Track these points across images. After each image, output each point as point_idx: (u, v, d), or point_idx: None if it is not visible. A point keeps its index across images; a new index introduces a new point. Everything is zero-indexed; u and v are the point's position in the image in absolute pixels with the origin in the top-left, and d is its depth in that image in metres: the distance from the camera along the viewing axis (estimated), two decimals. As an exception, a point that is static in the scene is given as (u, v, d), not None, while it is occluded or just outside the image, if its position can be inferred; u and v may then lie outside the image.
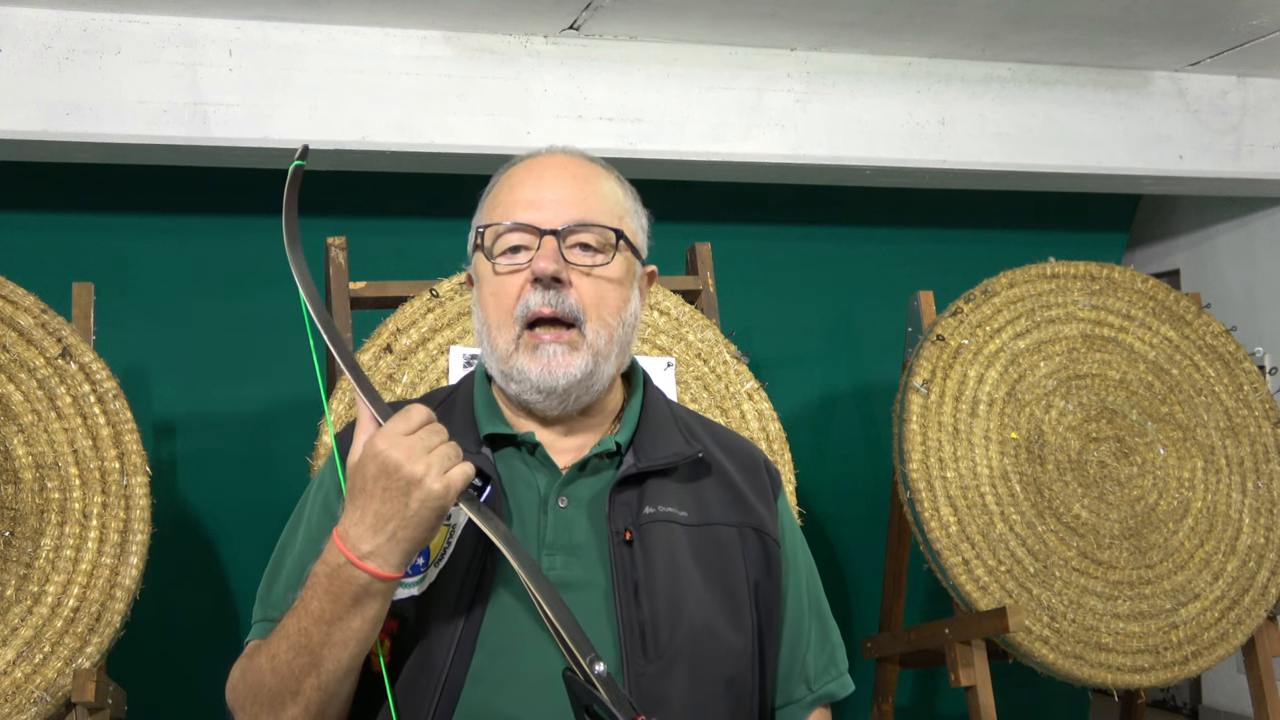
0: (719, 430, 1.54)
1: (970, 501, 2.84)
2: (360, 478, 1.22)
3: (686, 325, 2.72)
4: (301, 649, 1.24)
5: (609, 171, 1.46)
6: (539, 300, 1.35)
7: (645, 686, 1.27)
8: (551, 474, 1.38)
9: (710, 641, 1.33)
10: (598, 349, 1.37)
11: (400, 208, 3.50)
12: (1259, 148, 3.68)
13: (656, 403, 1.49)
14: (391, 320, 2.57)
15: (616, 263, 1.40)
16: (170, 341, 3.31)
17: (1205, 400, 3.15)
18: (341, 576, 1.21)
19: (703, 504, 1.41)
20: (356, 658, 1.25)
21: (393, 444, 1.20)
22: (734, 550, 1.39)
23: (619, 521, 1.34)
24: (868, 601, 3.66)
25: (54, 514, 2.40)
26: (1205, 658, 2.91)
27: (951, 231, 4.05)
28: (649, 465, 1.39)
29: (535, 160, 1.44)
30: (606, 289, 1.39)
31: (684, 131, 3.22)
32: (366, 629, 1.23)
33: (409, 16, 2.96)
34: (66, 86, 2.80)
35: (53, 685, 2.29)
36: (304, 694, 1.25)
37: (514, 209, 1.39)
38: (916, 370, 2.94)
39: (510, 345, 1.37)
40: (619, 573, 1.31)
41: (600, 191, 1.42)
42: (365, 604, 1.22)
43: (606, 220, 1.40)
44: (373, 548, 1.21)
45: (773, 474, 1.51)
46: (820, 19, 3.08)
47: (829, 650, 1.49)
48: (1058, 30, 3.22)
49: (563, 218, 1.37)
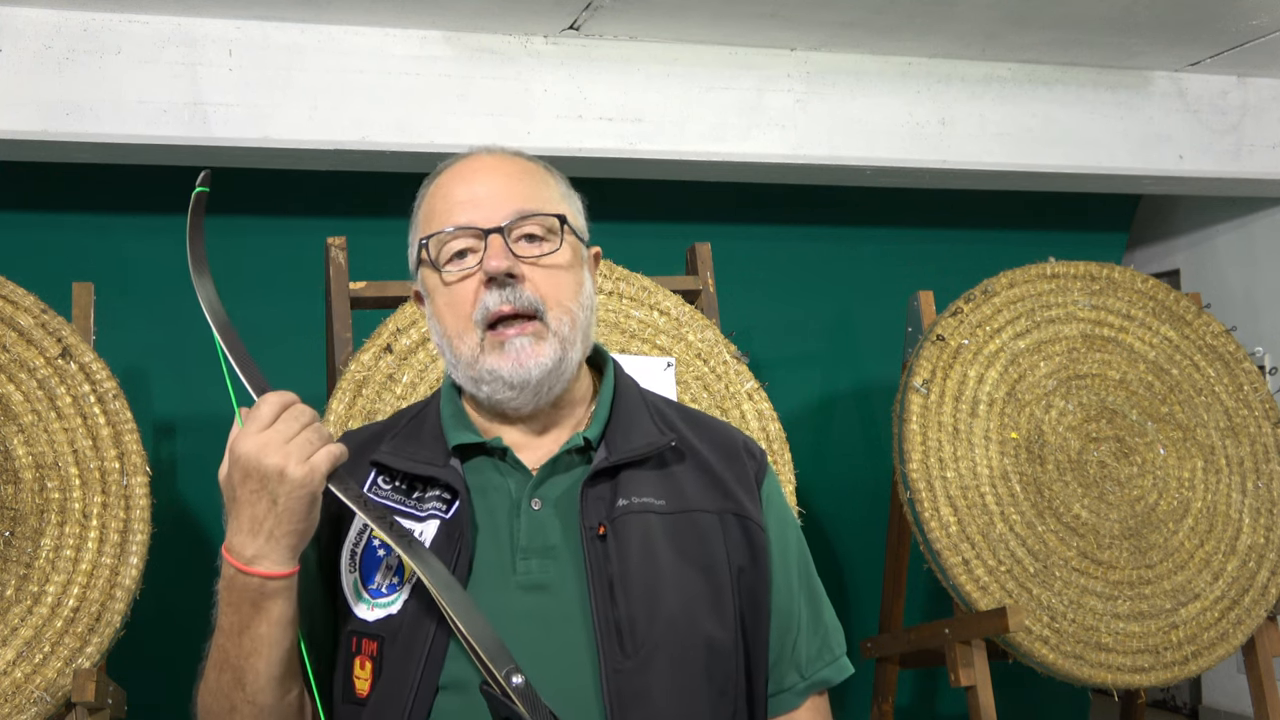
0: (697, 416, 1.51)
1: (970, 501, 2.84)
2: (229, 485, 1.23)
3: (686, 325, 2.72)
4: (224, 665, 1.25)
5: (536, 161, 1.45)
6: (496, 300, 1.34)
7: (624, 683, 1.25)
8: (523, 477, 1.37)
9: (689, 630, 1.31)
10: (563, 335, 1.36)
11: (400, 208, 3.48)
12: (1259, 148, 3.68)
13: (628, 391, 1.46)
14: (391, 320, 2.57)
15: (564, 248, 1.39)
16: (170, 341, 3.31)
17: (1205, 400, 3.15)
18: (236, 586, 1.23)
19: (680, 491, 1.38)
20: (276, 664, 1.25)
21: (250, 443, 1.21)
22: (715, 537, 1.37)
23: (592, 517, 1.32)
24: (868, 601, 3.66)
25: (54, 514, 2.40)
26: (1205, 658, 2.91)
27: (951, 231, 4.05)
28: (621, 457, 1.37)
29: (461, 164, 1.44)
30: (560, 275, 1.38)
31: (684, 131, 3.22)
32: (275, 632, 1.24)
33: (409, 16, 2.96)
34: (66, 86, 2.80)
35: (53, 685, 2.29)
36: (238, 709, 1.26)
37: (451, 214, 1.38)
38: (916, 370, 2.94)
39: (475, 349, 1.35)
40: (594, 570, 1.30)
41: (533, 181, 1.41)
42: (266, 607, 1.23)
43: (546, 207, 1.39)
44: (255, 550, 1.22)
45: (756, 455, 1.48)
46: (820, 19, 3.08)
47: (822, 634, 1.46)
48: (1058, 30, 3.22)
49: (503, 213, 1.36)
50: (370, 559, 1.35)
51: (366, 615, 1.32)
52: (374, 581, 1.33)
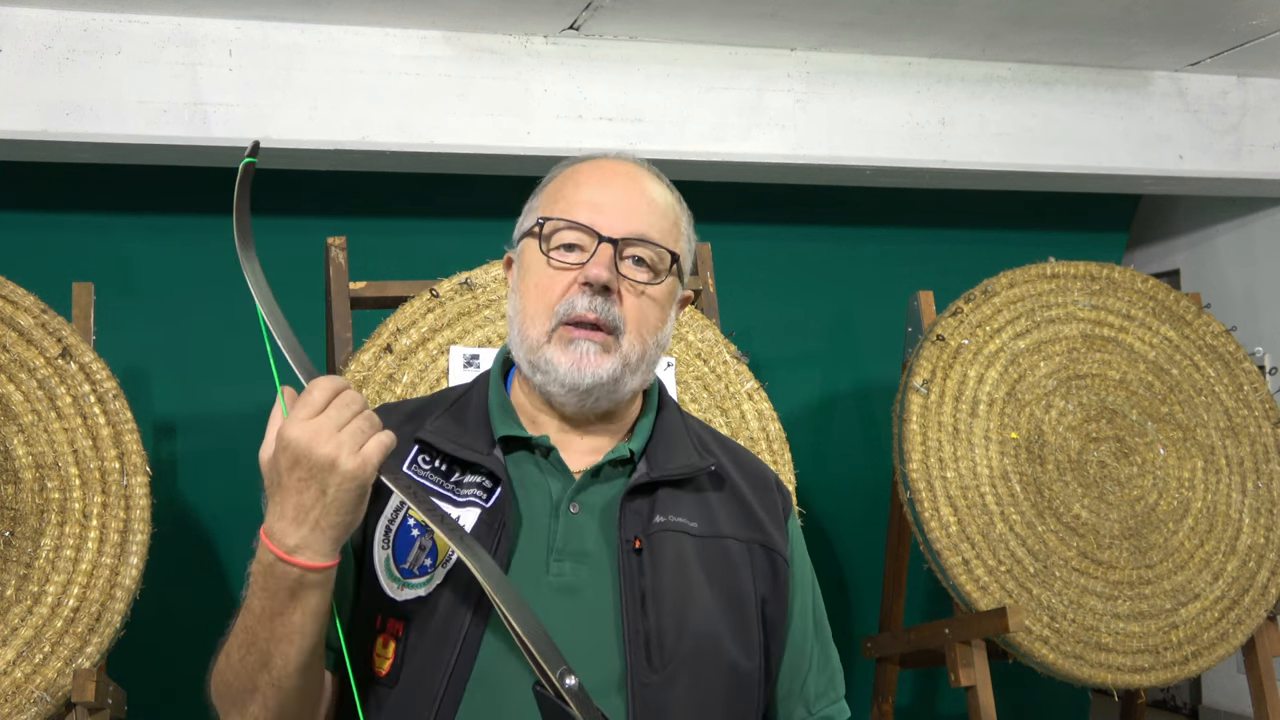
0: (732, 446, 1.54)
1: (970, 501, 2.84)
2: (274, 471, 1.20)
3: (686, 325, 2.72)
4: (250, 646, 1.23)
5: (672, 190, 1.45)
6: (585, 304, 1.34)
7: (649, 696, 1.26)
8: (565, 479, 1.37)
9: (714, 652, 1.32)
10: (629, 360, 1.36)
11: (400, 208, 3.50)
12: (1259, 148, 3.68)
13: (671, 415, 1.48)
14: (391, 320, 2.57)
15: (666, 284, 1.40)
16: (170, 341, 3.31)
17: (1205, 400, 3.15)
18: (274, 573, 1.19)
19: (713, 517, 1.40)
20: (306, 651, 1.23)
21: (300, 430, 1.17)
22: (743, 565, 1.39)
23: (630, 530, 1.33)
24: (868, 601, 3.66)
25: (54, 514, 2.40)
26: (1205, 658, 2.91)
27: (951, 231, 4.05)
28: (661, 475, 1.38)
29: (604, 162, 1.43)
30: (650, 308, 1.38)
31: (684, 131, 3.22)
32: (309, 622, 1.21)
33: (409, 16, 2.96)
34: (66, 86, 2.80)
35: (53, 685, 2.29)
36: (260, 690, 1.24)
37: (576, 208, 1.38)
38: (916, 370, 2.94)
39: (543, 337, 1.36)
40: (627, 581, 1.30)
41: (662, 209, 1.41)
42: (303, 597, 1.20)
43: (665, 241, 1.39)
44: (298, 540, 1.18)
45: (784, 494, 1.51)
46: (820, 19, 3.08)
47: (829, 674, 1.49)
48: (1058, 30, 3.22)
49: (624, 228, 1.36)
50: (404, 538, 1.34)
51: (395, 594, 1.31)
52: (405, 561, 1.33)
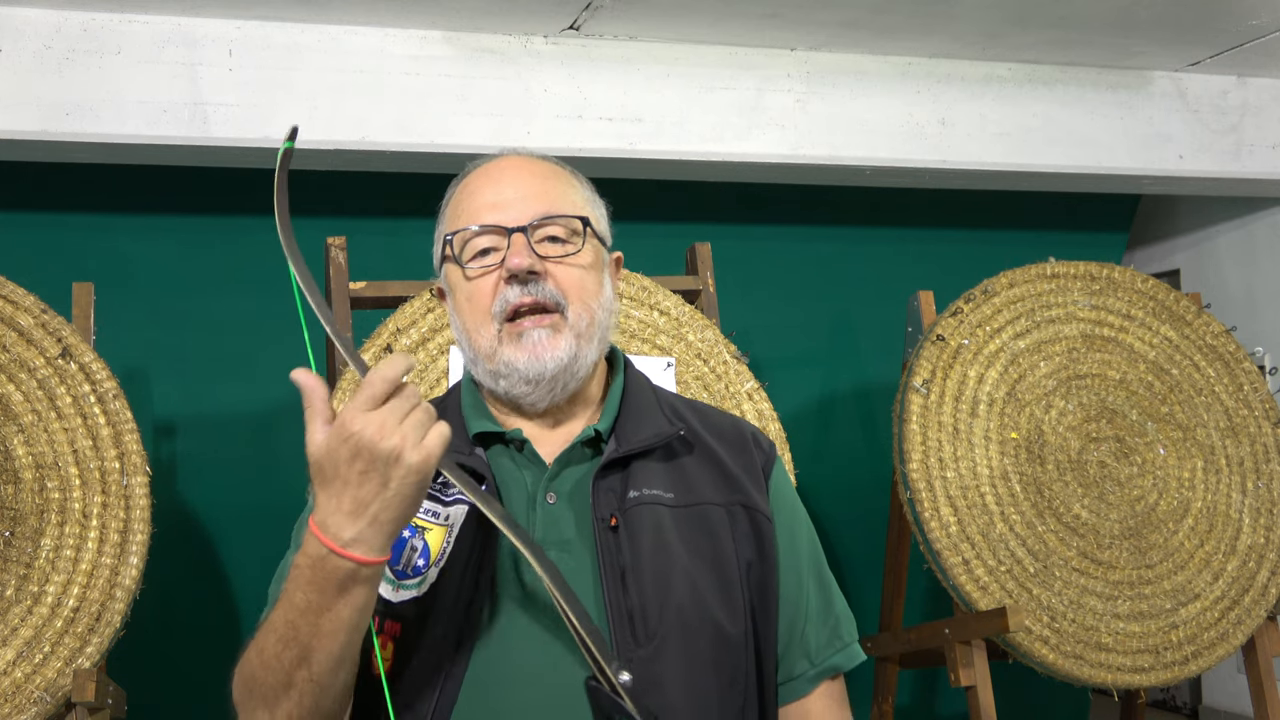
0: (706, 410, 1.53)
1: (970, 501, 2.84)
2: (331, 463, 1.18)
3: (686, 325, 2.72)
4: (290, 641, 1.21)
5: (563, 166, 1.47)
6: (517, 293, 1.36)
7: (638, 671, 1.26)
8: (538, 470, 1.39)
9: (699, 620, 1.32)
10: (579, 330, 1.38)
11: (400, 208, 3.50)
12: (1259, 148, 3.68)
13: (639, 387, 1.49)
14: (391, 320, 2.57)
15: (586, 250, 1.41)
16: (170, 341, 3.31)
17: (1205, 400, 3.15)
18: (325, 567, 1.18)
19: (689, 484, 1.41)
20: (348, 646, 1.23)
21: (364, 422, 1.15)
22: (723, 530, 1.39)
23: (604, 508, 1.34)
24: (868, 601, 3.66)
25: (54, 514, 2.40)
26: (1205, 658, 2.91)
27: (951, 231, 4.05)
28: (630, 449, 1.39)
29: (490, 165, 1.45)
30: (581, 275, 1.40)
31: (684, 131, 3.22)
32: (356, 617, 1.21)
33: (409, 16, 2.96)
34: (66, 86, 2.80)
35: (53, 685, 2.29)
36: (296, 686, 1.23)
37: (478, 213, 1.39)
38: (916, 370, 2.94)
39: (493, 341, 1.37)
40: (606, 559, 1.31)
41: (559, 184, 1.43)
42: (353, 592, 1.19)
43: (570, 210, 1.41)
44: (355, 534, 1.17)
45: (764, 446, 1.50)
46: (820, 19, 3.09)
47: (832, 623, 1.47)
48: (1058, 30, 3.22)
49: (528, 214, 1.38)
50: (397, 541, 1.32)
51: (390, 595, 1.32)
52: (399, 563, 1.33)
